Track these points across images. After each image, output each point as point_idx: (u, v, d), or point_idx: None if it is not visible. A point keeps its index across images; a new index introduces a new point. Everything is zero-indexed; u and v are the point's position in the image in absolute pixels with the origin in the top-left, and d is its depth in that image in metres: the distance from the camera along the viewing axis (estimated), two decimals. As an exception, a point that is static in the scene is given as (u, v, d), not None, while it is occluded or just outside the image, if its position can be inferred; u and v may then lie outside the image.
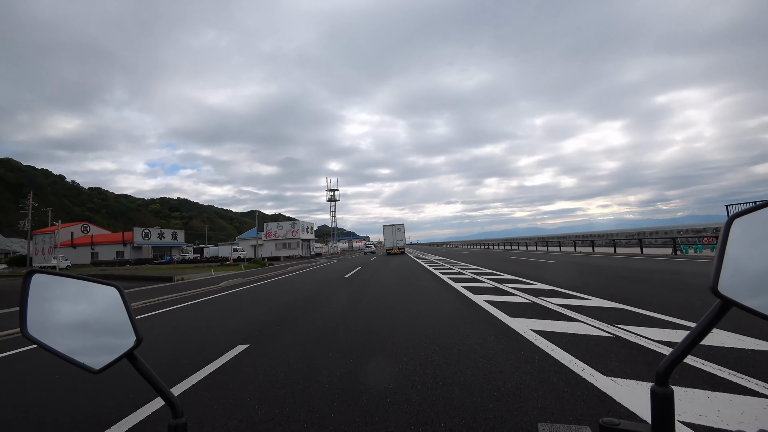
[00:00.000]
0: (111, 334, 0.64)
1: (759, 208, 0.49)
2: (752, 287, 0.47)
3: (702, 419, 2.08)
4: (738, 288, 0.48)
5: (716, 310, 0.50)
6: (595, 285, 7.51)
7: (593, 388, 2.56)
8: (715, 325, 0.50)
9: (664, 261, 12.36)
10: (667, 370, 0.54)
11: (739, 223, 0.50)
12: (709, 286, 0.49)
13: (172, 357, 4.12)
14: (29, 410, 2.90)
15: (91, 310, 0.66)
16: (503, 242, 40.92)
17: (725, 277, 0.49)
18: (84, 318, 0.66)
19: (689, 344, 0.52)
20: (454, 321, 5.01)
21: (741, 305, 0.48)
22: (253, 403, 2.67)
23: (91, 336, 0.65)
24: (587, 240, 22.98)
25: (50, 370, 3.87)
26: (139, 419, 2.53)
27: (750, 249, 0.49)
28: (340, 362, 3.50)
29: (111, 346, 0.63)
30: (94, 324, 0.65)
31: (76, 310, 0.67)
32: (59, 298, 0.67)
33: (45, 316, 0.66)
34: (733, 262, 0.49)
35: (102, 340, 0.64)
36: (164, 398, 0.65)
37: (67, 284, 0.67)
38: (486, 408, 2.38)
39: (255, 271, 21.18)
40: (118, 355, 0.63)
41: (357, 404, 2.55)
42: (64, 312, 0.67)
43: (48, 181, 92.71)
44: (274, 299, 8.72)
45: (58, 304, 0.67)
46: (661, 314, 4.56)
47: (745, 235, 0.49)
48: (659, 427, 0.52)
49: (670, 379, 0.54)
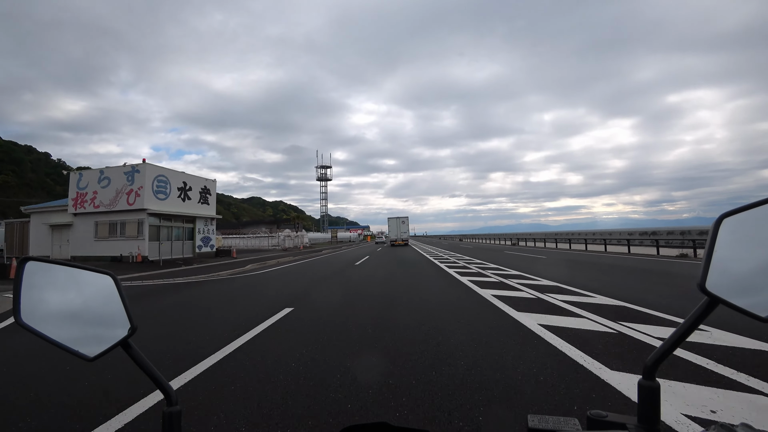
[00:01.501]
0: (105, 322, 0.64)
1: (747, 208, 0.51)
2: (739, 285, 0.49)
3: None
4: (725, 286, 0.50)
5: (703, 307, 0.52)
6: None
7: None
8: (701, 321, 0.52)
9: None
10: (654, 364, 0.56)
11: (728, 222, 0.52)
12: (697, 284, 0.50)
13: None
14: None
15: (86, 298, 0.66)
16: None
17: (713, 275, 0.50)
18: (78, 306, 0.66)
19: (676, 340, 0.54)
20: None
21: (727, 303, 0.49)
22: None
23: (85, 324, 0.65)
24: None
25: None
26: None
27: (738, 248, 0.51)
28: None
29: (105, 334, 0.63)
30: (89, 312, 0.65)
31: (70, 297, 0.66)
32: (53, 285, 0.66)
33: (39, 303, 0.66)
34: (720, 261, 0.51)
35: (96, 328, 0.64)
36: (158, 386, 0.64)
37: (61, 272, 0.67)
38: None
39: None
40: (113, 343, 0.62)
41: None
42: (58, 300, 0.67)
43: (30, 158, 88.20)
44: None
45: (52, 292, 0.66)
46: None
47: (733, 234, 0.51)
48: (645, 419, 0.54)
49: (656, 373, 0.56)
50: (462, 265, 12.68)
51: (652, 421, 0.54)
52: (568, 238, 25.39)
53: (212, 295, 7.57)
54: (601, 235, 21.90)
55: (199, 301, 6.95)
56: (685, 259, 13.75)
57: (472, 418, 2.20)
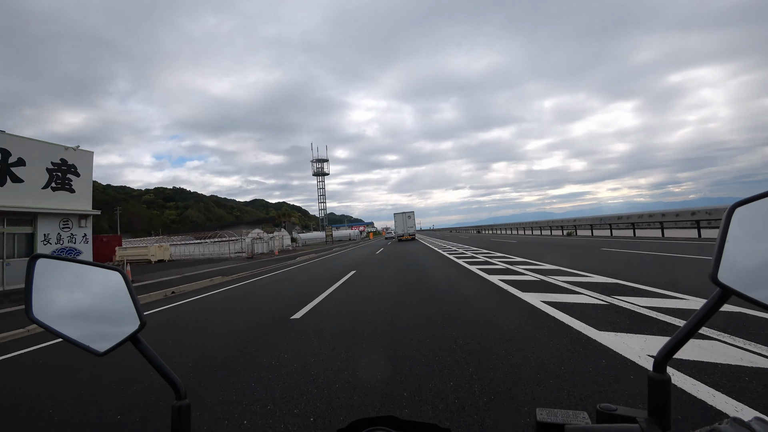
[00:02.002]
0: (114, 317, 0.65)
1: (761, 197, 0.49)
2: (752, 276, 0.47)
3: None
4: (738, 277, 0.48)
5: (716, 298, 0.50)
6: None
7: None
8: (714, 313, 0.50)
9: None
10: (664, 357, 0.54)
11: (741, 212, 0.50)
12: (708, 275, 0.49)
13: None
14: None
15: (95, 294, 0.67)
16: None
17: (725, 266, 0.49)
18: (88, 302, 0.68)
19: (687, 332, 0.52)
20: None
21: (741, 294, 0.48)
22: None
23: (95, 319, 0.66)
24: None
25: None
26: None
27: (751, 238, 0.49)
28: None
29: (115, 330, 0.64)
30: (98, 308, 0.67)
31: (80, 294, 0.68)
32: (63, 282, 0.68)
33: (50, 299, 0.67)
34: (733, 251, 0.49)
35: (106, 324, 0.66)
36: (167, 380, 0.65)
37: (71, 269, 0.68)
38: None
39: None
40: (122, 338, 0.64)
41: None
42: (68, 296, 0.68)
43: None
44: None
45: (62, 288, 0.68)
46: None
47: (746, 224, 0.49)
48: (655, 412, 0.53)
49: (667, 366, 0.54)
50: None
51: (663, 415, 0.52)
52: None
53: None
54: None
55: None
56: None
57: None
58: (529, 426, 2.03)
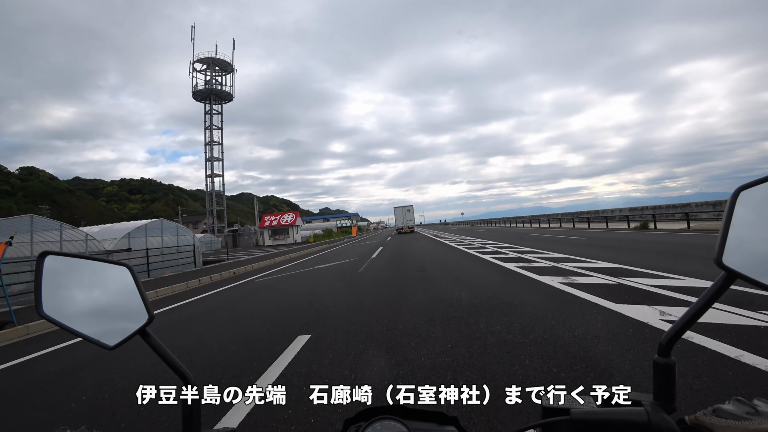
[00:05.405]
0: (124, 312, 0.67)
1: (765, 180, 0.49)
2: (757, 259, 0.48)
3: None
4: (743, 260, 0.48)
5: (721, 281, 0.49)
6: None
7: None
8: (719, 297, 0.50)
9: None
10: (669, 341, 0.54)
11: (745, 195, 0.50)
12: (713, 258, 0.49)
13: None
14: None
15: (104, 290, 0.69)
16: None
17: (730, 249, 0.48)
18: (97, 297, 0.69)
19: (693, 316, 0.51)
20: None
21: (746, 277, 0.47)
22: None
23: (104, 314, 0.68)
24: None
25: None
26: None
27: (756, 221, 0.49)
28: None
29: (124, 324, 0.65)
30: (107, 303, 0.68)
31: (89, 289, 0.69)
32: (72, 278, 0.69)
33: (59, 295, 0.68)
34: (738, 234, 0.49)
35: (115, 318, 0.67)
36: (177, 373, 0.66)
37: (80, 265, 0.69)
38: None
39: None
40: (132, 332, 0.65)
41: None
42: (77, 291, 0.69)
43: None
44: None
45: (71, 284, 0.69)
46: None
47: (750, 207, 0.49)
48: (661, 396, 0.53)
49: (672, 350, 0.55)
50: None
51: (668, 399, 0.53)
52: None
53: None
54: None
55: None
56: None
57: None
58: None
